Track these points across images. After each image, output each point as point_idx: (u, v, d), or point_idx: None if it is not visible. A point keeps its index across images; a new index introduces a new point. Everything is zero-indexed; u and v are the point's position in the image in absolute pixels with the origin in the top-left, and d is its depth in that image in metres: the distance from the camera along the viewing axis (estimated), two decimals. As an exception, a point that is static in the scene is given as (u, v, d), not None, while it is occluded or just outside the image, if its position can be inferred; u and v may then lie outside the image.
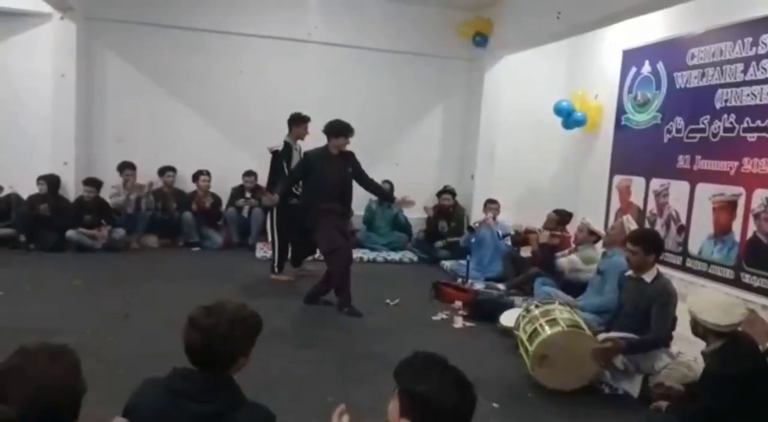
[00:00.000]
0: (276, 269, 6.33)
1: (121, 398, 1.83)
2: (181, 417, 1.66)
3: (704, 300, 3.19)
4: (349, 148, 5.50)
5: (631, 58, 6.70)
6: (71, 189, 7.54)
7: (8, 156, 7.39)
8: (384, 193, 6.19)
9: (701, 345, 3.18)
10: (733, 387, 2.86)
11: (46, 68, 7.45)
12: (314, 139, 5.97)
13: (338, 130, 5.34)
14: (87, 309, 5.02)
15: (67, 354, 1.46)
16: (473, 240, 6.95)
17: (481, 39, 8.28)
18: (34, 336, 1.44)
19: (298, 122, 6.23)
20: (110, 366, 3.56)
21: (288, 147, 6.20)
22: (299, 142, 6.30)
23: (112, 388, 1.80)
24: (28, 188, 7.22)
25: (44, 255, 6.83)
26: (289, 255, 6.46)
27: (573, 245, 5.86)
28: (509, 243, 6.88)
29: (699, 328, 3.10)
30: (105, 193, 7.44)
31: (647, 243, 3.95)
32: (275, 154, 6.20)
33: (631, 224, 4.90)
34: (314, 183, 5.34)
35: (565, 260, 5.54)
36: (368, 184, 5.67)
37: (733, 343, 3.00)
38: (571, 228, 6.33)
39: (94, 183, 7.27)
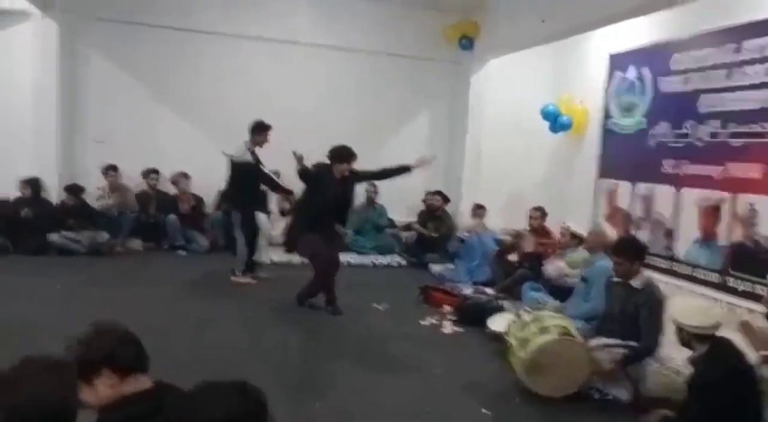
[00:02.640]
0: (238, 272, 6.34)
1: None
2: None
3: (684, 307, 3.30)
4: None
5: (617, 62, 6.74)
6: (54, 192, 7.41)
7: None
8: (399, 170, 5.76)
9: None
10: (722, 389, 2.90)
11: (27, 68, 7.32)
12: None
13: (342, 156, 5.46)
14: (68, 313, 4.91)
15: (66, 368, 1.45)
16: (462, 246, 6.97)
17: (467, 42, 8.29)
18: (13, 341, 1.41)
19: (260, 130, 6.21)
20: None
21: (256, 157, 6.20)
22: (258, 148, 6.28)
23: None
24: (9, 190, 7.08)
25: (26, 258, 6.72)
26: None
27: (558, 251, 5.89)
28: (497, 247, 6.88)
29: (684, 335, 3.15)
30: (89, 196, 7.33)
31: (630, 253, 3.98)
32: (246, 164, 6.11)
33: (608, 229, 4.91)
34: (316, 198, 5.44)
35: (553, 268, 5.57)
36: (379, 175, 5.91)
37: (716, 347, 3.06)
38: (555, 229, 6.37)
39: (74, 190, 7.18)
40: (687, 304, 3.39)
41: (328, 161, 5.50)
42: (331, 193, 5.44)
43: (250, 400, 1.51)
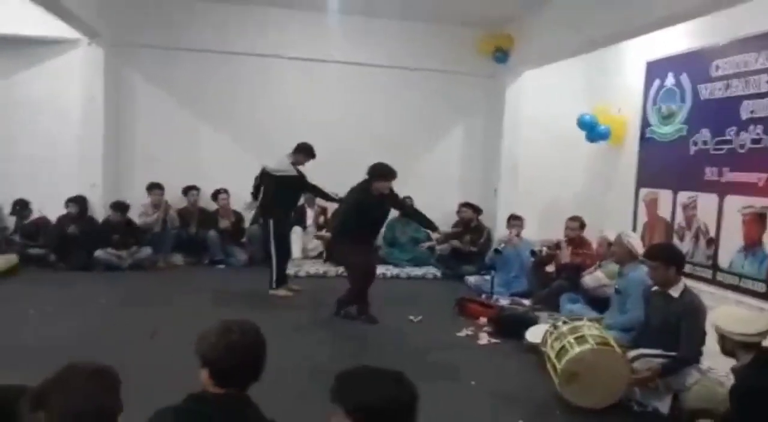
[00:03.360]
0: (274, 284, 6.41)
1: (145, 417, 1.83)
2: None
3: (729, 314, 3.20)
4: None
5: (655, 69, 6.64)
6: (99, 209, 7.69)
7: (38, 178, 7.60)
8: (426, 223, 6.01)
9: (732, 360, 3.11)
10: (765, 399, 2.77)
11: (75, 93, 7.66)
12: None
13: (381, 173, 5.47)
14: (114, 327, 5.08)
15: (108, 373, 1.50)
16: (498, 258, 6.91)
17: (501, 55, 8.28)
18: (62, 354, 1.49)
19: (306, 153, 6.38)
20: (135, 385, 3.58)
21: (299, 172, 6.37)
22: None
23: (138, 407, 1.81)
24: (57, 210, 7.39)
25: (73, 274, 6.95)
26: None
27: (597, 261, 5.78)
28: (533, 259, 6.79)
29: (727, 344, 3.05)
30: (133, 214, 7.57)
31: (664, 257, 3.88)
32: (290, 178, 6.27)
33: (630, 237, 4.80)
34: (354, 220, 5.46)
35: (590, 278, 5.47)
36: (414, 216, 6.06)
37: (761, 356, 2.94)
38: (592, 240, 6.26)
39: (119, 207, 7.41)
40: (731, 312, 3.29)
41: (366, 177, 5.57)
42: (370, 211, 5.52)
43: (405, 391, 1.58)
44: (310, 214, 8.22)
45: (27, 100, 7.74)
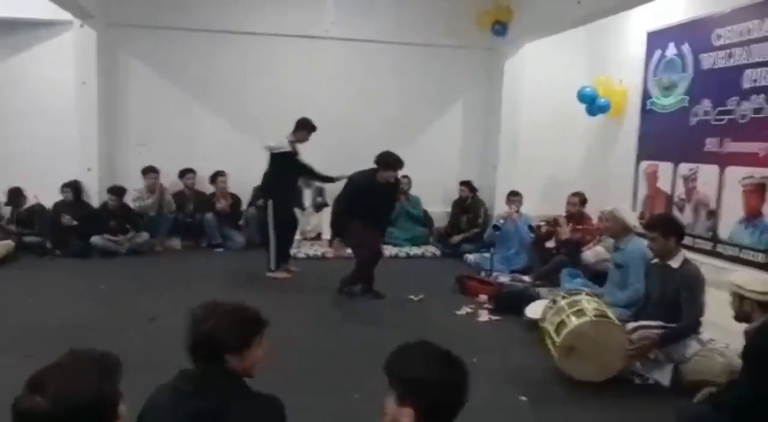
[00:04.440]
0: (273, 266, 6.39)
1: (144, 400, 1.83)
2: (185, 413, 1.69)
3: (748, 277, 3.24)
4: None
5: (656, 40, 6.52)
6: (95, 194, 7.64)
7: (32, 163, 7.52)
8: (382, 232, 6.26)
9: (733, 331, 3.08)
10: None
11: (67, 76, 7.54)
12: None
13: (388, 163, 5.54)
14: (114, 313, 5.06)
15: (109, 359, 1.49)
16: (497, 234, 6.86)
17: (500, 27, 8.15)
18: (63, 341, 1.46)
19: (307, 128, 6.29)
20: (136, 369, 3.56)
21: (294, 149, 6.27)
22: (298, 144, 6.36)
23: (138, 390, 1.81)
24: (52, 195, 7.33)
25: (70, 261, 6.91)
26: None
27: (597, 236, 5.73)
28: (533, 235, 6.75)
29: (746, 304, 3.06)
30: (127, 197, 7.52)
31: (663, 227, 3.84)
32: (283, 155, 6.20)
33: (621, 210, 4.74)
34: (357, 206, 5.56)
35: (590, 253, 5.44)
36: (386, 216, 6.16)
37: None
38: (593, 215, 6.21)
39: (117, 191, 7.35)
40: (751, 274, 3.38)
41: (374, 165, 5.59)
42: (374, 198, 5.58)
43: (453, 368, 1.60)
44: (308, 195, 8.15)
45: (19, 84, 7.64)
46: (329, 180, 6.51)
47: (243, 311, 1.88)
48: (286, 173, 6.32)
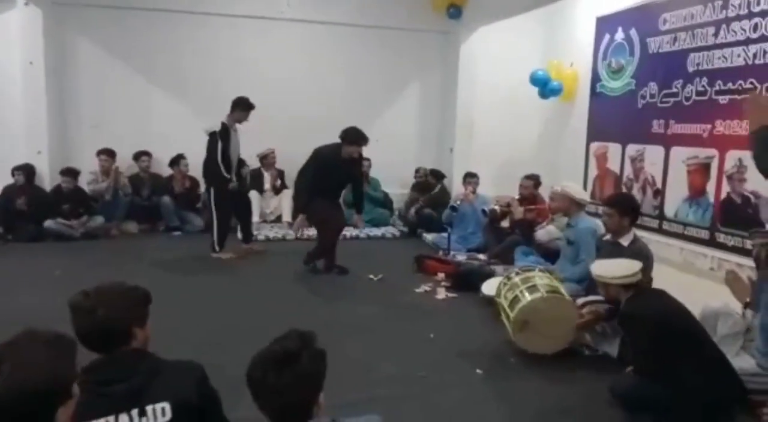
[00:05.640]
0: (217, 247, 6.39)
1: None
2: (108, 402, 1.69)
3: (605, 266, 3.51)
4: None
5: (605, 25, 6.70)
6: (46, 178, 7.44)
7: (-20, 147, 7.26)
8: (359, 209, 6.41)
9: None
10: (649, 324, 3.08)
11: (13, 56, 7.28)
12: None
13: (353, 138, 5.62)
14: (65, 298, 4.97)
15: (64, 339, 1.50)
16: (455, 214, 7.01)
17: (455, 11, 8.23)
18: (15, 327, 1.47)
19: (243, 107, 6.22)
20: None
21: (225, 128, 6.20)
22: (237, 124, 6.31)
23: None
24: (2, 179, 7.12)
25: (23, 246, 6.75)
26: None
27: (550, 216, 5.91)
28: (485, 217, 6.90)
29: (611, 290, 3.39)
30: (83, 181, 7.36)
31: (621, 206, 4.02)
32: (212, 135, 6.16)
33: (567, 186, 4.94)
34: (320, 179, 5.64)
35: (543, 232, 5.62)
36: (355, 190, 6.25)
37: (641, 292, 3.33)
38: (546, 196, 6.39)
39: (71, 173, 7.19)
40: (606, 263, 3.57)
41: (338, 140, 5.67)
42: (337, 172, 5.69)
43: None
44: (267, 178, 8.12)
45: (-39, 65, 7.35)
46: (231, 170, 6.35)
47: (129, 287, 1.92)
48: (224, 151, 6.20)
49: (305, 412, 1.65)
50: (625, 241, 3.99)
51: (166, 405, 1.72)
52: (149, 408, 1.70)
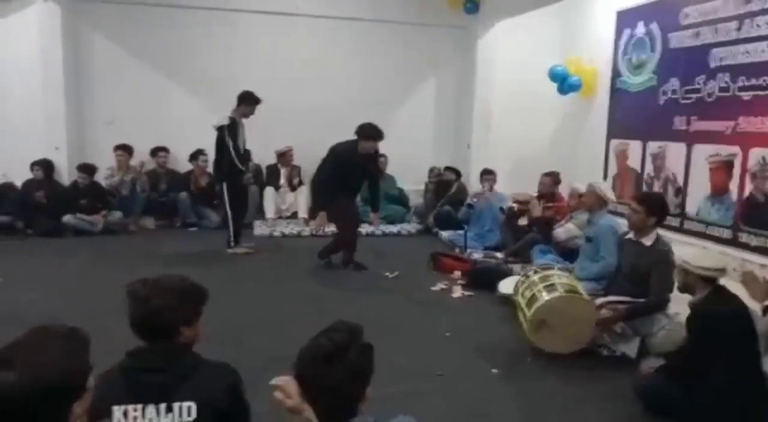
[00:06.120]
0: (232, 243, 6.43)
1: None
2: (141, 389, 1.71)
3: (693, 252, 3.35)
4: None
5: (625, 19, 6.60)
6: (65, 173, 7.51)
7: (1, 143, 7.33)
8: (376, 206, 6.38)
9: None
10: (719, 328, 2.95)
11: (32, 52, 7.35)
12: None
13: (369, 134, 5.59)
14: (86, 293, 5.01)
15: (78, 334, 1.50)
16: (471, 212, 6.96)
17: (471, 6, 8.16)
18: (35, 322, 1.47)
19: (249, 101, 6.20)
20: (108, 350, 3.57)
21: (234, 123, 6.18)
22: (243, 119, 6.29)
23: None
24: (21, 175, 7.20)
25: (42, 240, 6.82)
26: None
27: (568, 214, 5.84)
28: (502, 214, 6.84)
29: (690, 277, 3.15)
30: (100, 176, 7.41)
31: (651, 205, 3.93)
32: (220, 129, 6.15)
33: (600, 185, 4.85)
34: (338, 176, 5.63)
35: (561, 230, 5.54)
36: (372, 187, 6.17)
37: (718, 291, 3.11)
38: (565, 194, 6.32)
39: (87, 169, 7.25)
40: (696, 250, 3.50)
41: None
42: (354, 169, 5.66)
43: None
44: (283, 173, 8.13)
45: (-20, 62, 7.43)
46: (241, 164, 6.34)
47: (187, 284, 1.92)
48: (235, 144, 6.20)
49: (352, 407, 1.61)
50: (647, 241, 3.90)
51: (192, 405, 1.72)
52: (176, 405, 1.71)
